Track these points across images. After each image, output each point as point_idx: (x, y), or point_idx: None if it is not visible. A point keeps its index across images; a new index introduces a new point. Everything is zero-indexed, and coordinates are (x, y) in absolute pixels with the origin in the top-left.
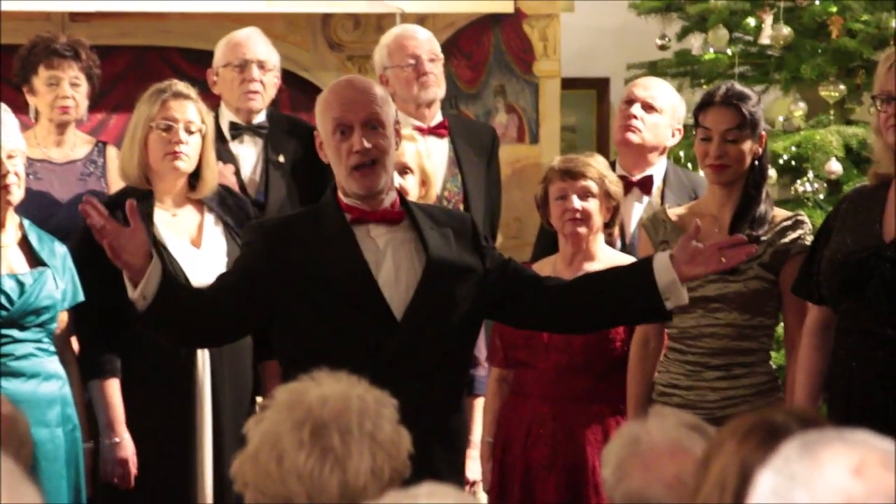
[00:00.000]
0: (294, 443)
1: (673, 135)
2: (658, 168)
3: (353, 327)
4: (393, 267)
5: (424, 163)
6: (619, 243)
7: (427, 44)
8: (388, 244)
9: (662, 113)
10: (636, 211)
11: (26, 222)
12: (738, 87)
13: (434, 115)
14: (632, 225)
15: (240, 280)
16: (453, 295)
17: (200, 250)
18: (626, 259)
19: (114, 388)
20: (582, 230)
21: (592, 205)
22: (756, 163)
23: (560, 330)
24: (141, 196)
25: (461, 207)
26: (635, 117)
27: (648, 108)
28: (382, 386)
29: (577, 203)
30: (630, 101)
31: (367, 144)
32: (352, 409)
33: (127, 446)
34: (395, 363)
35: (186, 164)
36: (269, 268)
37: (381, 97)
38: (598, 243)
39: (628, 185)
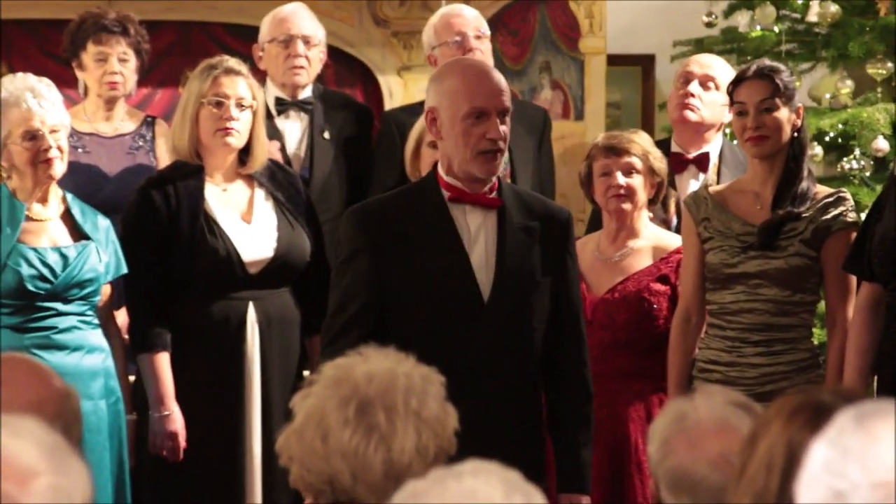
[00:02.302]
0: (339, 420)
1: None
2: (714, 145)
3: (445, 306)
4: (484, 251)
5: None
6: (674, 220)
7: (474, 21)
8: (480, 227)
9: (720, 90)
10: (692, 188)
11: (69, 196)
12: (769, 61)
13: None
14: None
15: (375, 308)
16: (531, 287)
17: (251, 225)
18: (670, 237)
19: (164, 361)
20: (626, 206)
21: (636, 181)
22: (795, 135)
23: None
24: (191, 171)
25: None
26: (693, 95)
27: (706, 85)
28: (472, 368)
29: (621, 179)
30: (687, 79)
31: (502, 133)
32: (398, 387)
33: (176, 419)
34: (484, 344)
35: (237, 140)
36: (375, 264)
37: (508, 90)
38: (643, 220)
39: (684, 163)
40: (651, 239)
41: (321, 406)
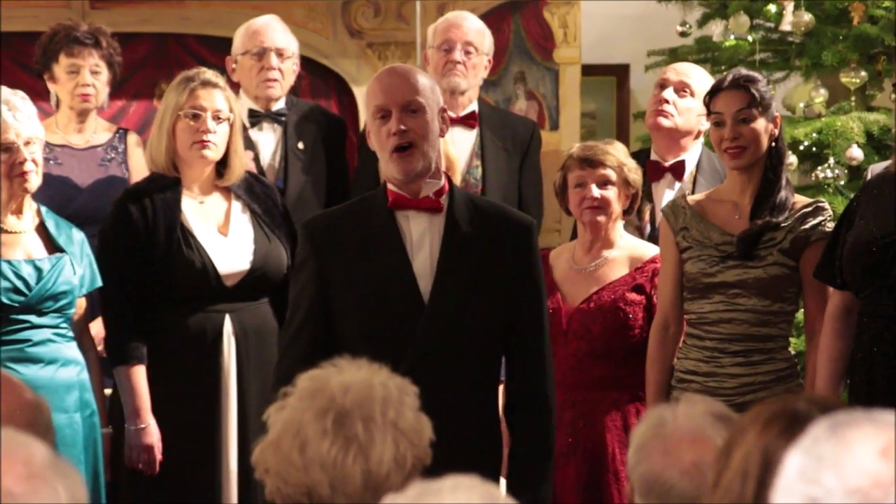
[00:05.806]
0: (317, 431)
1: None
2: (692, 153)
3: (387, 313)
4: (429, 256)
5: (448, 148)
6: (648, 228)
7: (468, 33)
8: (425, 233)
9: (696, 97)
10: (667, 196)
11: (44, 209)
12: (746, 71)
13: (464, 105)
14: None
15: (320, 314)
16: (473, 293)
17: (228, 238)
18: (645, 246)
19: (140, 374)
20: (600, 218)
21: (611, 193)
22: (773, 145)
23: None
24: (168, 183)
25: None
26: (667, 101)
27: (681, 91)
28: (415, 372)
29: (595, 191)
30: (662, 85)
31: (402, 127)
32: (375, 397)
33: (152, 432)
34: (424, 348)
35: (214, 153)
36: (319, 273)
37: (421, 83)
38: (617, 230)
39: (661, 171)
40: (626, 249)
41: (298, 418)
